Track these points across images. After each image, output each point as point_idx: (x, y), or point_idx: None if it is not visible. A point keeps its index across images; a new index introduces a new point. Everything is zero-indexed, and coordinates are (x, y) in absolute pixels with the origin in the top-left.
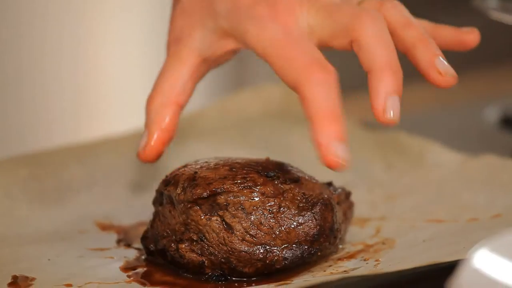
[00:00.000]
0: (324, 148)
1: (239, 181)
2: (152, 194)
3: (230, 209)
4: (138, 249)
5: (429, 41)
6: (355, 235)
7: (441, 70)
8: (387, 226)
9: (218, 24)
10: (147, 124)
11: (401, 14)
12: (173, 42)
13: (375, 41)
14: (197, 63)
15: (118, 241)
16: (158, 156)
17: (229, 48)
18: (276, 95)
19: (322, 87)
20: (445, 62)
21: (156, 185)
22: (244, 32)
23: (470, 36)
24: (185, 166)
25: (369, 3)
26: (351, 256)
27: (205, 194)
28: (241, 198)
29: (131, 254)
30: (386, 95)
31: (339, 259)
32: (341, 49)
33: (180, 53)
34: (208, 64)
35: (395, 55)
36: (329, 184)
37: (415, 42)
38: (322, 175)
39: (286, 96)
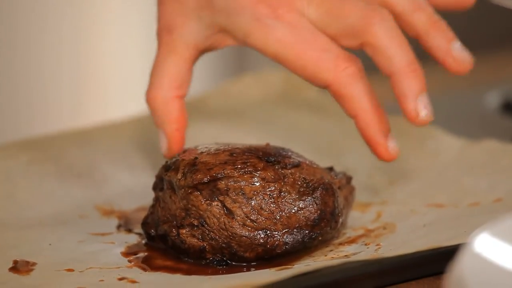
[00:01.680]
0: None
1: (239, 166)
2: (152, 179)
3: (230, 194)
4: (139, 234)
5: (440, 24)
6: (356, 219)
7: (456, 56)
8: (388, 210)
9: (215, 19)
10: (159, 124)
11: None
12: (165, 31)
13: (389, 44)
14: (194, 55)
15: (119, 226)
16: (183, 147)
17: (226, 44)
18: (277, 80)
19: (357, 81)
20: (460, 47)
21: (156, 170)
22: (247, 34)
23: None
24: (186, 151)
25: None
26: (352, 241)
27: (205, 179)
28: (242, 183)
29: (132, 239)
30: (415, 97)
31: (340, 243)
32: (348, 48)
33: (175, 44)
34: (204, 52)
35: (411, 53)
36: (330, 169)
37: (427, 28)
38: (322, 160)
39: (286, 81)
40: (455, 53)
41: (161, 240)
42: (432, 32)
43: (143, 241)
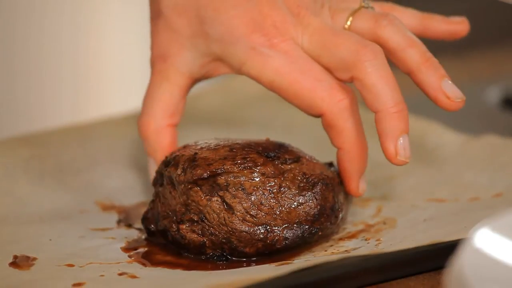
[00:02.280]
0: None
1: (239, 162)
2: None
3: (230, 190)
4: (139, 229)
5: (432, 60)
6: (356, 215)
7: (449, 94)
8: (388, 205)
9: (210, 47)
10: (150, 152)
11: (399, 33)
12: (159, 59)
13: (378, 82)
14: (188, 84)
15: (119, 222)
16: None
17: (221, 73)
18: None
19: (349, 114)
20: (451, 84)
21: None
22: (242, 63)
23: (459, 26)
24: (185, 147)
25: (362, 22)
26: (352, 236)
27: (205, 175)
28: (241, 178)
29: (132, 234)
30: (396, 138)
31: (340, 239)
32: (340, 80)
33: (168, 72)
34: (198, 81)
35: (399, 93)
36: (330, 164)
37: (419, 65)
38: (322, 155)
39: None
40: (446, 90)
41: (161, 235)
42: (423, 68)
43: (143, 237)
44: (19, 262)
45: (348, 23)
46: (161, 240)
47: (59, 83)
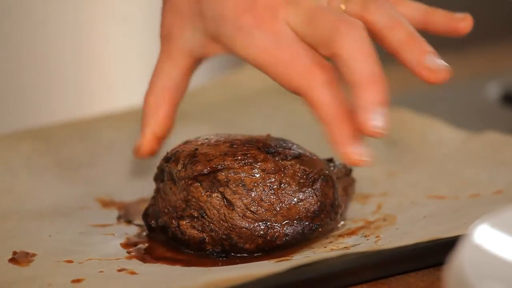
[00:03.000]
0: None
1: (239, 158)
2: (153, 171)
3: (230, 186)
4: (139, 225)
5: (416, 39)
6: (356, 211)
7: (431, 67)
8: (388, 202)
9: (206, 27)
10: (143, 125)
11: (386, 15)
12: (164, 38)
13: (354, 55)
14: (189, 63)
15: (119, 218)
16: (152, 153)
17: (218, 52)
18: None
19: (327, 88)
20: (434, 58)
21: (157, 162)
22: (232, 42)
23: (462, 23)
24: (186, 142)
25: (353, 5)
26: (352, 233)
27: (205, 171)
28: (242, 174)
29: (132, 230)
30: (371, 110)
31: (340, 235)
32: (327, 58)
33: (171, 51)
34: (200, 60)
35: (377, 65)
36: (330, 160)
37: (402, 44)
38: (323, 151)
39: None
40: (430, 64)
41: (161, 231)
42: (405, 47)
43: (144, 233)
44: (18, 258)
45: (342, 7)
46: (162, 236)
47: (60, 79)
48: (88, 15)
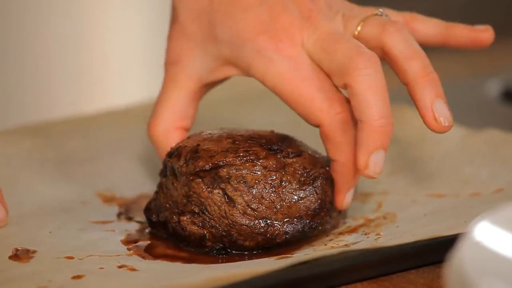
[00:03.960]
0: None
1: (241, 154)
2: (154, 167)
3: (232, 182)
4: (139, 222)
5: (431, 77)
6: (357, 209)
7: (436, 116)
8: (389, 200)
9: (220, 51)
10: (160, 154)
11: (404, 42)
12: (171, 63)
13: (367, 92)
14: (197, 88)
15: (119, 214)
16: None
17: (230, 75)
18: None
19: (347, 130)
20: (444, 107)
21: (158, 158)
22: (249, 65)
23: (484, 35)
24: (189, 137)
25: (371, 27)
26: (352, 231)
27: (207, 167)
28: (243, 171)
29: (133, 227)
30: (370, 153)
31: (340, 233)
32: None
33: (178, 76)
34: (208, 86)
35: (387, 107)
36: None
37: (417, 78)
38: (324, 149)
39: None
40: (437, 111)
41: (162, 226)
42: (421, 83)
43: (146, 230)
44: (19, 255)
45: (358, 28)
46: (162, 232)
47: (62, 74)
48: (89, 12)
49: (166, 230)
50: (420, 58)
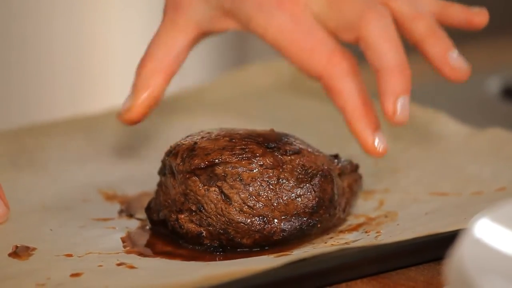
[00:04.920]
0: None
1: (237, 152)
2: (156, 165)
3: (228, 180)
4: (140, 219)
5: (439, 33)
6: (358, 207)
7: (453, 65)
8: (391, 199)
9: (221, 1)
10: (136, 87)
11: (410, 5)
12: (171, 8)
13: (382, 41)
14: (195, 35)
15: (120, 212)
16: (141, 119)
17: (229, 28)
18: (285, 69)
19: (349, 77)
20: (457, 56)
21: (160, 156)
22: (249, 19)
23: (478, 17)
24: (188, 136)
25: None
26: (353, 229)
27: (202, 165)
28: (239, 169)
29: (133, 224)
30: (396, 97)
31: (341, 231)
32: (347, 42)
33: (178, 21)
34: (205, 35)
35: (403, 54)
36: (335, 156)
37: (425, 36)
38: (330, 147)
39: (296, 71)
40: (452, 61)
41: (162, 225)
42: (429, 40)
43: (147, 227)
44: (19, 252)
45: None
46: (163, 229)
47: (64, 74)
48: (90, 12)
49: (166, 228)
50: (425, 18)
